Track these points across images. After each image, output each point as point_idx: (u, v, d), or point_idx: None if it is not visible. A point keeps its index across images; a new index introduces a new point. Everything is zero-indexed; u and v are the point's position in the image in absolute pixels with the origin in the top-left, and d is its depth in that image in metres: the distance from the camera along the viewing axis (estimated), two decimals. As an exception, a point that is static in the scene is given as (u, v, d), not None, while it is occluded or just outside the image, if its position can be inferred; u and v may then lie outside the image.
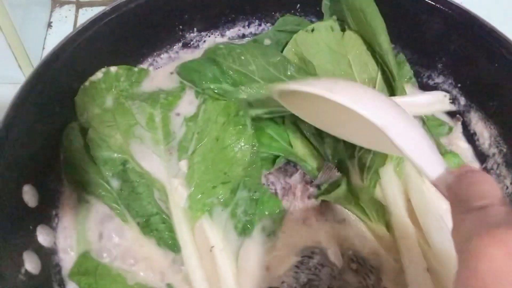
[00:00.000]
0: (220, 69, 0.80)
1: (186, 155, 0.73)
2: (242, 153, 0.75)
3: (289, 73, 0.79)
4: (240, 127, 0.76)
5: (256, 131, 0.76)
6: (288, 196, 0.76)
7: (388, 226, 0.72)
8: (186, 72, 0.83)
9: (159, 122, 0.75)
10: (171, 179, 0.71)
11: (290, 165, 0.79)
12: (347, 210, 0.75)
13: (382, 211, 0.72)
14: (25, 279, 0.59)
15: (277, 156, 0.79)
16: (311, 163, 0.79)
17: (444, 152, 0.79)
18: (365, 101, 0.52)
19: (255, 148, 0.75)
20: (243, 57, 0.79)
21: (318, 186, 0.76)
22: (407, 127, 0.52)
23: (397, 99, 0.75)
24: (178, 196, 0.70)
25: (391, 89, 0.80)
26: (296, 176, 0.78)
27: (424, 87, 0.88)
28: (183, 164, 0.72)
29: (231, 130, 0.75)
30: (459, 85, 0.85)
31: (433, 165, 0.48)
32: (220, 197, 0.71)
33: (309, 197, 0.76)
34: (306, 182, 0.77)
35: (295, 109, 0.70)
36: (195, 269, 0.67)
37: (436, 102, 0.80)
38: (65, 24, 1.08)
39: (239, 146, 0.75)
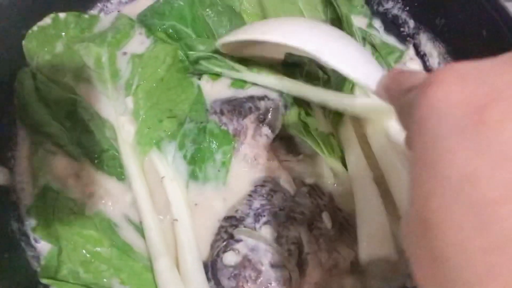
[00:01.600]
0: (193, 13, 0.81)
1: (131, 91, 0.74)
2: (186, 96, 0.77)
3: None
4: (184, 74, 0.79)
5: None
6: (240, 137, 0.76)
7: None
8: (146, 13, 0.83)
9: (105, 62, 0.76)
10: (118, 117, 0.73)
11: (244, 107, 0.78)
12: (300, 146, 0.76)
13: (336, 147, 0.74)
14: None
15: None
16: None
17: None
18: (296, 33, 0.55)
19: (199, 89, 0.78)
20: (220, 16, 0.81)
21: (270, 126, 0.77)
22: (339, 47, 0.53)
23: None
24: (125, 133, 0.72)
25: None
26: (250, 117, 0.77)
27: (376, 14, 0.89)
28: (129, 101, 0.74)
29: (175, 73, 0.77)
30: (407, 8, 0.86)
31: (371, 75, 0.49)
32: (167, 130, 0.73)
33: (260, 135, 0.76)
34: (259, 122, 0.77)
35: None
36: (144, 201, 0.68)
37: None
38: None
39: (182, 88, 0.77)
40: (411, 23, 0.86)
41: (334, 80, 0.78)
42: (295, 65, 0.79)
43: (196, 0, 0.82)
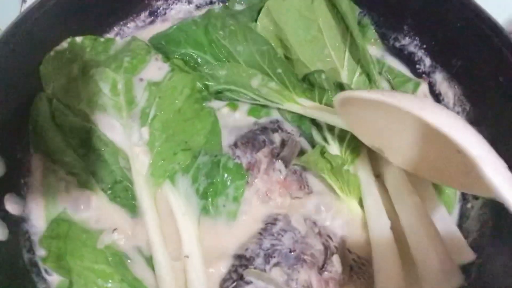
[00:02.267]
0: (208, 38, 0.80)
1: (147, 121, 0.74)
2: (202, 126, 0.77)
3: (274, 64, 0.79)
4: (202, 104, 0.78)
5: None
6: (253, 171, 0.75)
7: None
8: (161, 40, 0.83)
9: (121, 88, 0.76)
10: (133, 147, 0.72)
11: (258, 140, 0.78)
12: (314, 183, 0.77)
13: (355, 187, 0.74)
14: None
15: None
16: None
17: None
18: (461, 128, 0.48)
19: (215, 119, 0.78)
20: (234, 35, 0.80)
21: (284, 160, 0.76)
22: (501, 164, 0.47)
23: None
24: (139, 164, 0.72)
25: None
26: (264, 151, 0.77)
27: (391, 49, 0.89)
28: (145, 131, 0.73)
29: (193, 104, 0.77)
30: (424, 46, 0.85)
31: None
32: (181, 163, 0.73)
33: (273, 170, 0.76)
34: (272, 156, 0.77)
35: (347, 118, 0.68)
36: (155, 235, 0.69)
37: None
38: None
39: (199, 119, 0.77)
40: (427, 61, 0.86)
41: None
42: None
43: (209, 24, 0.81)
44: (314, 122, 0.79)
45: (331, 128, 0.77)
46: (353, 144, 0.76)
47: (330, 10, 0.84)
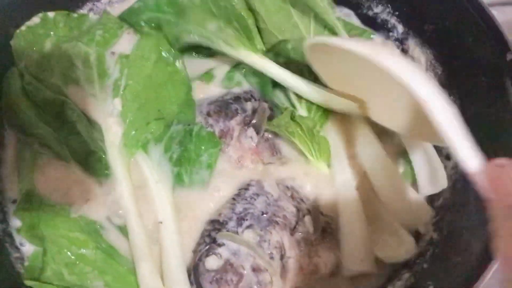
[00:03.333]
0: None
1: (119, 92, 0.74)
2: (176, 92, 0.77)
3: (230, 17, 0.78)
4: (174, 66, 0.78)
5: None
6: (226, 138, 0.76)
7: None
8: (126, 14, 0.82)
9: (94, 61, 0.75)
10: (106, 118, 0.73)
11: (231, 108, 0.78)
12: (285, 149, 0.77)
13: (325, 150, 0.74)
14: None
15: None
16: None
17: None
18: (412, 73, 0.49)
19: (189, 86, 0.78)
20: None
21: (255, 127, 0.77)
22: (450, 112, 0.48)
23: (322, 90, 0.75)
24: (112, 134, 0.72)
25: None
26: (237, 119, 0.77)
27: (365, 19, 0.89)
28: (117, 102, 0.74)
29: (163, 68, 0.77)
30: (396, 13, 0.86)
31: (472, 157, 0.46)
32: (153, 132, 0.73)
33: (245, 137, 0.76)
34: (245, 124, 0.77)
35: (316, 63, 0.70)
36: (129, 204, 0.69)
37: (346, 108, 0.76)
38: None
39: (172, 85, 0.76)
40: (400, 28, 0.86)
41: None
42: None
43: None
44: (278, 86, 0.79)
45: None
46: (322, 108, 0.77)
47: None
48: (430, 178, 0.71)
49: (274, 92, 0.81)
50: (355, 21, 0.90)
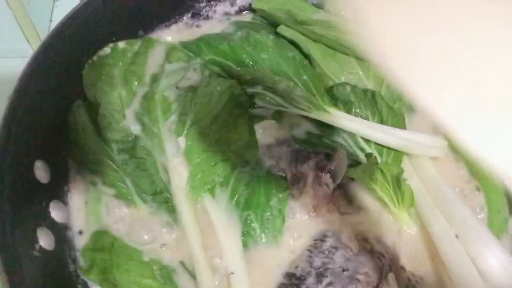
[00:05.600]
0: (231, 46, 0.79)
1: (184, 131, 0.72)
2: (239, 135, 0.74)
3: (299, 71, 0.77)
4: (241, 109, 0.75)
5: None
6: (299, 184, 0.73)
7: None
8: (196, 44, 0.81)
9: (158, 98, 0.73)
10: (170, 158, 0.70)
11: (302, 153, 0.76)
12: (362, 197, 0.73)
13: (408, 197, 0.70)
14: (39, 255, 0.60)
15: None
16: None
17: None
18: None
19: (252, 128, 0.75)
20: (258, 43, 0.78)
21: (332, 174, 0.72)
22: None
23: (396, 130, 0.73)
24: (178, 176, 0.70)
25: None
26: (309, 163, 0.74)
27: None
28: (181, 141, 0.71)
29: (231, 110, 0.74)
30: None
31: None
32: (220, 174, 0.71)
33: (320, 185, 0.72)
34: (319, 169, 0.73)
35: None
36: (198, 253, 0.66)
37: (432, 146, 0.74)
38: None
39: (235, 126, 0.74)
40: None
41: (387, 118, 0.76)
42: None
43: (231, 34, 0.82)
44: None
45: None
46: (393, 154, 0.74)
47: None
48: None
49: (341, 135, 0.77)
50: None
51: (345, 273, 0.64)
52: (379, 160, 0.72)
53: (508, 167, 0.33)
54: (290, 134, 0.78)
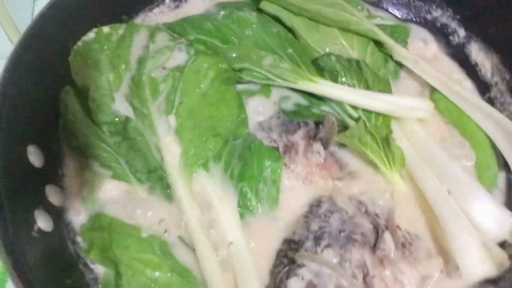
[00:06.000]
0: (215, 25, 0.79)
1: (173, 109, 0.72)
2: (228, 110, 0.75)
3: (284, 44, 0.78)
4: (229, 85, 0.76)
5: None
6: (290, 153, 0.74)
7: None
8: (179, 25, 0.81)
9: (146, 80, 0.74)
10: (162, 137, 0.71)
11: (292, 123, 0.76)
12: (354, 162, 0.75)
13: (399, 158, 0.72)
14: (38, 236, 0.60)
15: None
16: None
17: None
18: None
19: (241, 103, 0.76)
20: (242, 20, 0.79)
21: (322, 141, 0.74)
22: None
23: (382, 96, 0.74)
24: (171, 154, 0.70)
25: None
26: (299, 133, 0.75)
27: (424, 22, 0.87)
28: (172, 120, 0.72)
29: (219, 86, 0.75)
30: (457, 16, 0.83)
31: None
32: (212, 149, 0.71)
33: (312, 153, 0.74)
34: (310, 138, 0.75)
35: None
36: (195, 226, 0.67)
37: (418, 108, 0.75)
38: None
39: (224, 103, 0.75)
40: (462, 32, 0.84)
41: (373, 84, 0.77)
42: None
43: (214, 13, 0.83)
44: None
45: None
46: (381, 118, 0.75)
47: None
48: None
49: (329, 104, 0.78)
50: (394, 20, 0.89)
51: (342, 234, 0.65)
52: (367, 124, 0.73)
53: None
54: (280, 107, 0.79)
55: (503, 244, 0.67)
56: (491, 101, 0.80)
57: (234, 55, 0.78)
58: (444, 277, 0.66)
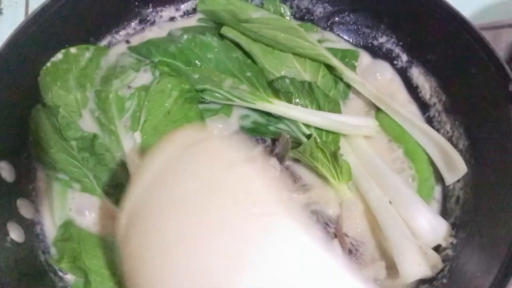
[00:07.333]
0: (178, 48, 0.85)
1: (139, 126, 0.78)
2: None
3: (243, 68, 0.85)
4: (192, 104, 0.82)
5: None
6: None
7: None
8: (145, 47, 0.87)
9: (112, 98, 0.79)
10: (128, 152, 0.76)
11: (251, 139, 0.83)
12: (306, 176, 0.82)
13: (346, 171, 0.79)
14: (11, 247, 0.64)
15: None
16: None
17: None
18: None
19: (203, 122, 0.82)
20: (203, 44, 0.85)
21: (278, 157, 0.80)
22: None
23: (332, 115, 0.82)
24: (135, 168, 0.74)
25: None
26: (257, 149, 0.81)
27: (370, 48, 0.95)
28: (137, 136, 0.77)
29: (182, 105, 0.81)
30: (400, 43, 0.92)
31: None
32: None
33: (268, 167, 0.78)
34: (267, 153, 0.81)
35: None
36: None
37: (364, 126, 0.83)
38: (16, 10, 1.07)
39: (189, 120, 0.81)
40: (404, 57, 0.92)
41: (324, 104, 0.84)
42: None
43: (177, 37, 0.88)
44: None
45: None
46: (331, 135, 0.82)
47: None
48: (450, 167, 0.79)
49: (284, 122, 0.85)
50: (343, 44, 0.97)
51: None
52: (318, 141, 0.80)
53: None
54: (239, 124, 0.85)
55: (437, 248, 0.75)
56: (430, 120, 0.88)
57: (196, 77, 0.84)
58: (386, 278, 0.74)
